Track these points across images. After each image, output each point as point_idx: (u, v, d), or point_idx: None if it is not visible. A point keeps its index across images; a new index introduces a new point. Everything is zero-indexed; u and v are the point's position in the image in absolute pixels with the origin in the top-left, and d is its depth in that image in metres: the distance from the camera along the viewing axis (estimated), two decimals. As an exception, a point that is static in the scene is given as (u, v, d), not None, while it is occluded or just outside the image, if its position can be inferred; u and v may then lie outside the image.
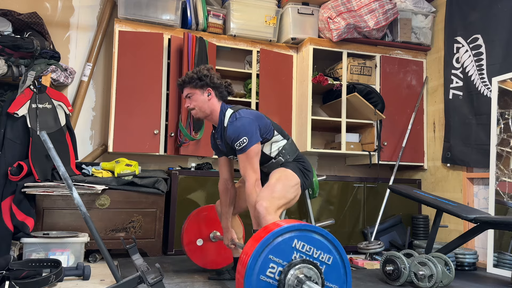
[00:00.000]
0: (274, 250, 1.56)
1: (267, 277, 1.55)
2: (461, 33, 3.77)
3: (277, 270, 1.56)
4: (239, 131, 2.21)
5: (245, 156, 2.21)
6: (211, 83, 2.35)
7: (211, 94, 2.35)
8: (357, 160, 4.22)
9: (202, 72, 2.34)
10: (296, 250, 1.60)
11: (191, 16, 3.77)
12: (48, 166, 3.07)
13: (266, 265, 1.55)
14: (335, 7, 3.86)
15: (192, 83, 2.35)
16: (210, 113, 2.37)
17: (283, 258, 1.58)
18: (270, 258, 1.56)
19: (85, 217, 2.18)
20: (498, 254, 3.17)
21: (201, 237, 2.81)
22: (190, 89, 2.36)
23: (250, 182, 2.21)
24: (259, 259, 1.54)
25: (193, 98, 2.36)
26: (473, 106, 3.60)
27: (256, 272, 1.53)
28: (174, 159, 3.96)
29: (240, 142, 2.20)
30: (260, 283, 1.53)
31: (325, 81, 3.86)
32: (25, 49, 3.20)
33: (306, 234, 1.62)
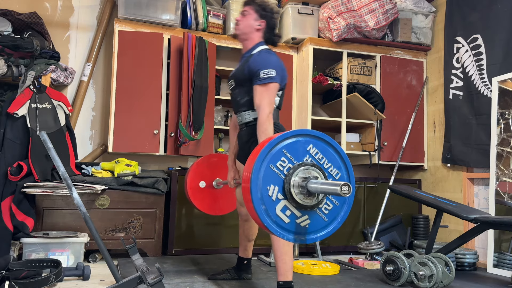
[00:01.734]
0: (289, 146, 1.64)
1: (276, 168, 1.61)
2: (461, 33, 3.77)
3: (287, 165, 1.63)
4: (269, 62, 2.23)
5: (266, 88, 2.21)
6: (269, 21, 2.40)
7: (261, 26, 2.39)
8: (357, 160, 4.22)
9: (269, 6, 2.42)
10: (309, 154, 1.68)
11: (191, 16, 3.77)
12: (48, 166, 3.07)
13: (278, 157, 1.62)
14: (335, 7, 3.86)
15: (255, 5, 2.40)
16: (247, 39, 2.41)
17: (295, 157, 1.65)
18: (284, 152, 1.63)
19: (85, 217, 2.18)
20: (498, 254, 3.16)
21: (205, 180, 2.81)
22: (250, 9, 2.40)
23: (265, 112, 2.18)
24: (273, 149, 1.61)
25: (246, 17, 2.40)
26: (473, 106, 3.60)
27: (268, 159, 1.60)
28: (174, 159, 3.95)
29: (267, 71, 2.21)
30: (269, 170, 1.60)
31: (325, 81, 3.86)
32: (24, 49, 3.20)
33: (322, 144, 1.71)
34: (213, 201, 2.85)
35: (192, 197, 2.79)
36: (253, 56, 2.31)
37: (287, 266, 2.13)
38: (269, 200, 1.58)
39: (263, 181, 1.58)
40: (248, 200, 1.58)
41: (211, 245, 3.49)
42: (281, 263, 2.13)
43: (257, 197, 1.56)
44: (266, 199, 1.57)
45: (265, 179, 1.58)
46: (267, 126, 2.17)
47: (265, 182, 1.58)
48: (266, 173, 1.59)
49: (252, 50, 2.37)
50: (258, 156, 1.59)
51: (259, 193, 1.57)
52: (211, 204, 2.84)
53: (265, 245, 3.48)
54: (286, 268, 2.13)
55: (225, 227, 3.52)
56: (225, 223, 3.52)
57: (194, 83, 3.54)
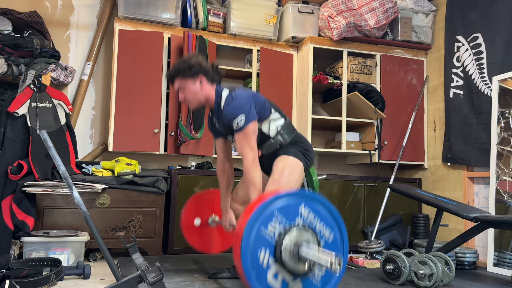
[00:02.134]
0: (281, 207, 1.60)
1: (267, 231, 1.58)
2: (461, 32, 3.77)
3: (279, 227, 1.59)
4: (235, 110, 2.19)
5: (243, 135, 2.20)
6: (201, 70, 2.28)
7: (203, 82, 2.30)
8: (358, 159, 4.22)
9: (189, 61, 2.27)
10: (301, 215, 1.63)
11: (191, 15, 3.77)
12: (48, 165, 3.07)
13: (269, 219, 1.57)
14: (336, 5, 3.86)
15: (181, 74, 2.28)
16: (205, 101, 2.34)
17: (287, 218, 1.60)
18: (275, 213, 1.59)
19: (85, 216, 2.18)
20: (499, 253, 3.16)
21: (200, 219, 2.79)
22: (181, 81, 2.30)
23: (248, 160, 2.18)
24: (265, 211, 1.57)
25: (186, 89, 2.30)
26: (473, 105, 3.60)
27: (259, 222, 1.55)
28: (174, 158, 3.96)
29: (237, 121, 2.18)
30: (260, 233, 1.56)
31: (325, 80, 3.86)
32: (25, 48, 3.19)
33: (314, 203, 1.66)
34: (208, 239, 2.82)
35: (186, 235, 2.77)
36: (222, 112, 2.26)
37: None
38: (260, 268, 1.53)
39: (254, 246, 1.53)
40: (239, 266, 1.54)
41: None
42: None
43: (247, 264, 1.51)
44: (257, 266, 1.52)
45: (256, 243, 1.54)
46: (253, 174, 2.17)
47: (256, 246, 1.53)
48: (257, 237, 1.54)
49: (219, 103, 2.32)
50: (250, 219, 1.54)
51: (249, 259, 1.52)
52: (206, 242, 2.82)
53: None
54: None
55: (225, 226, 3.52)
56: (225, 222, 3.52)
57: (194, 82, 3.54)
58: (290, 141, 2.39)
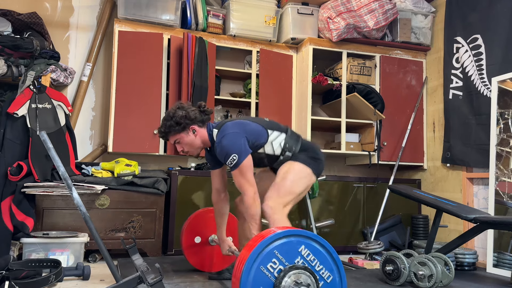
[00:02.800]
0: (281, 247, 1.59)
1: (267, 270, 1.57)
2: (460, 33, 3.77)
3: (278, 267, 1.58)
4: (226, 149, 2.19)
5: (239, 172, 2.19)
6: (190, 121, 2.30)
7: (196, 131, 2.33)
8: (357, 160, 4.22)
9: (177, 116, 2.29)
10: (301, 255, 1.62)
11: (191, 16, 3.77)
12: (47, 166, 3.07)
13: (269, 258, 1.57)
14: (335, 7, 3.87)
15: (173, 131, 2.31)
16: (203, 145, 2.38)
17: (286, 258, 1.60)
18: (275, 253, 1.58)
19: (84, 217, 2.18)
20: (498, 254, 3.17)
21: (200, 237, 2.79)
22: (175, 136, 2.33)
23: (249, 195, 2.18)
24: (265, 250, 1.57)
25: (182, 142, 2.34)
26: (472, 106, 3.61)
27: (258, 260, 1.56)
28: (173, 159, 3.96)
29: (230, 160, 2.18)
30: (259, 272, 1.56)
31: (324, 81, 3.86)
32: (24, 49, 3.20)
33: (314, 245, 1.65)
34: (208, 258, 2.81)
35: (186, 253, 2.76)
36: (217, 150, 2.27)
37: None
38: None
39: (253, 284, 1.53)
40: None
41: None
42: None
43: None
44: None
45: (255, 281, 1.54)
46: (255, 210, 2.17)
47: (255, 285, 1.53)
48: (256, 275, 1.54)
49: (212, 143, 2.35)
50: (249, 256, 1.54)
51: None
52: (206, 260, 2.80)
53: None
54: None
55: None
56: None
57: (194, 83, 3.54)
58: (300, 150, 2.37)
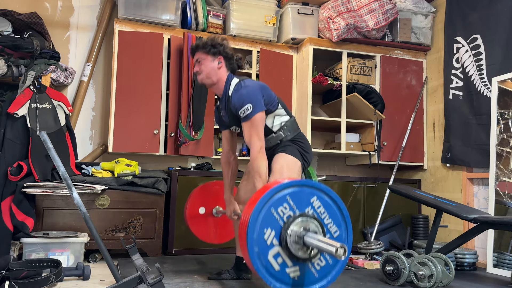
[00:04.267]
0: (294, 194, 1.63)
1: (277, 213, 1.60)
2: (460, 33, 3.77)
3: (288, 212, 1.62)
4: (243, 98, 2.22)
5: (250, 123, 2.21)
6: (224, 53, 2.37)
7: (221, 63, 2.36)
8: (357, 160, 4.22)
9: (216, 40, 2.36)
10: (312, 206, 1.66)
11: (191, 16, 3.77)
12: (48, 166, 3.07)
13: (281, 202, 1.61)
14: (335, 7, 3.87)
15: (205, 48, 2.35)
16: (216, 82, 2.38)
17: (297, 206, 1.63)
18: (287, 198, 1.62)
19: (85, 217, 2.18)
20: (498, 254, 3.17)
21: (205, 207, 2.79)
22: (202, 54, 2.36)
23: (255, 149, 2.20)
24: (278, 194, 1.60)
25: (203, 63, 2.36)
26: (473, 106, 3.61)
27: (270, 203, 1.59)
28: (174, 159, 3.96)
29: (244, 109, 2.20)
30: (269, 214, 1.58)
31: (325, 81, 3.86)
32: (25, 49, 3.20)
33: (326, 198, 1.69)
34: (211, 229, 2.82)
35: (190, 223, 2.76)
36: (231, 99, 2.29)
37: None
38: (263, 244, 1.56)
39: (262, 223, 1.56)
40: (243, 238, 1.56)
41: (211, 245, 3.49)
42: None
43: (252, 238, 1.54)
44: (261, 242, 1.55)
45: (264, 221, 1.56)
46: (259, 163, 2.18)
47: (263, 225, 1.56)
48: (266, 215, 1.57)
49: (227, 91, 2.35)
50: (262, 197, 1.57)
51: (255, 234, 1.54)
52: (209, 232, 2.81)
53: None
54: None
55: (225, 227, 3.52)
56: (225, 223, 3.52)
57: (194, 83, 3.54)
58: (291, 139, 2.40)
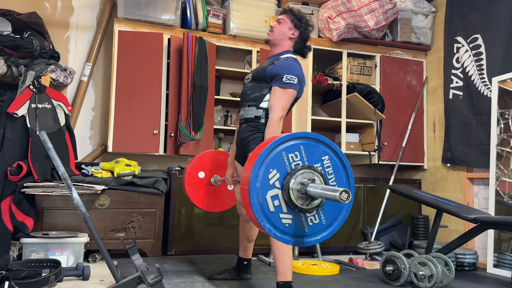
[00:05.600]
0: (308, 146, 1.65)
1: (287, 157, 1.61)
2: (461, 33, 3.77)
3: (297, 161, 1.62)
4: (294, 69, 2.27)
5: (284, 92, 2.25)
6: (303, 32, 2.42)
7: (294, 36, 2.41)
8: (357, 160, 4.22)
9: (305, 18, 2.44)
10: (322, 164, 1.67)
11: (191, 16, 3.77)
12: (47, 166, 3.07)
13: (294, 149, 1.62)
14: (335, 7, 3.86)
15: (292, 15, 2.42)
16: (278, 44, 2.43)
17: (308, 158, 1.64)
18: (300, 148, 1.63)
19: (84, 217, 2.18)
20: (498, 254, 3.16)
21: (205, 173, 2.77)
22: (286, 18, 2.42)
23: (277, 115, 2.23)
24: (292, 140, 1.62)
25: (281, 25, 2.41)
26: (473, 106, 3.60)
27: (283, 146, 1.60)
28: (173, 159, 3.95)
29: (290, 77, 2.25)
30: (279, 156, 1.59)
31: (325, 81, 3.86)
32: (24, 49, 3.19)
33: (338, 162, 1.70)
34: (208, 196, 2.79)
35: (188, 190, 2.72)
36: (281, 59, 2.33)
37: (286, 267, 2.13)
38: (265, 182, 1.56)
39: (270, 162, 1.57)
40: (249, 169, 1.56)
41: (211, 245, 3.49)
42: (281, 264, 2.13)
43: (257, 172, 1.55)
44: (264, 180, 1.56)
45: (272, 161, 1.57)
46: (275, 129, 2.21)
47: (271, 164, 1.57)
48: (276, 157, 1.58)
49: (280, 55, 2.40)
50: (277, 138, 1.59)
51: (261, 170, 1.55)
52: (205, 198, 2.78)
53: (265, 245, 3.48)
54: (285, 269, 2.13)
55: (225, 227, 3.52)
56: (225, 223, 3.52)
57: (194, 83, 3.54)
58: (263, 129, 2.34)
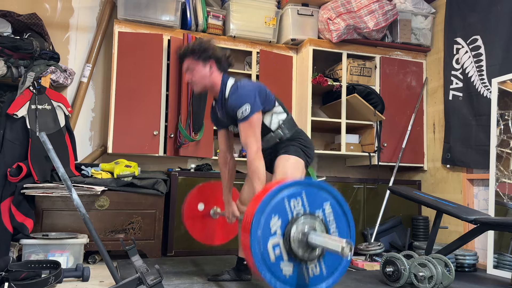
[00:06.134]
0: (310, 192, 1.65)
1: (289, 204, 1.61)
2: (460, 34, 3.77)
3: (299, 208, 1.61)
4: (240, 99, 2.19)
5: (248, 124, 2.19)
6: (214, 56, 2.28)
7: (213, 67, 2.29)
8: (357, 161, 4.22)
9: (204, 44, 2.27)
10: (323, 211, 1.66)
11: (191, 17, 3.77)
12: (47, 167, 3.07)
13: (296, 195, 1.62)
14: (335, 8, 3.87)
15: (194, 55, 2.26)
16: (211, 86, 2.33)
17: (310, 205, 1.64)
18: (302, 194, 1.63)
19: (84, 218, 2.18)
20: (498, 255, 3.16)
21: (204, 206, 2.75)
22: (192, 62, 2.27)
23: (253, 150, 2.18)
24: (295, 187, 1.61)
25: (195, 71, 2.28)
26: (473, 107, 3.60)
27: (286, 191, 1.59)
28: (173, 160, 3.95)
29: (242, 110, 2.17)
30: (282, 202, 1.58)
31: (324, 82, 3.86)
32: (24, 50, 3.19)
33: (339, 209, 1.70)
34: (208, 229, 2.78)
35: (189, 226, 2.72)
36: (228, 100, 2.25)
37: None
38: (267, 230, 1.54)
39: (272, 209, 1.55)
40: (251, 213, 1.55)
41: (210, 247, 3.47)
42: None
43: (259, 219, 1.53)
44: (266, 227, 1.54)
45: (275, 208, 1.55)
46: (257, 164, 2.16)
47: (273, 211, 1.55)
48: (278, 203, 1.56)
49: (223, 93, 2.31)
50: (281, 185, 1.57)
51: (263, 217, 1.54)
52: (204, 232, 2.76)
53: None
54: None
55: (224, 228, 3.51)
56: (224, 224, 3.52)
57: (194, 84, 3.54)
58: (290, 137, 2.38)
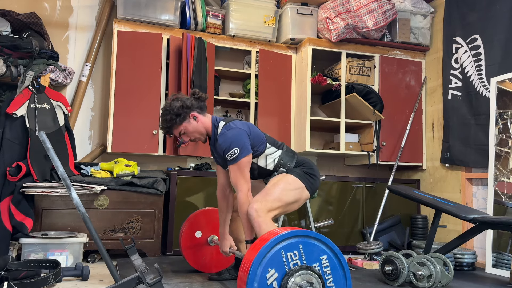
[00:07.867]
0: (307, 244, 1.62)
1: (286, 256, 1.60)
2: (460, 34, 3.78)
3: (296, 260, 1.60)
4: (230, 141, 2.19)
5: (237, 167, 2.20)
6: (188, 109, 2.30)
7: (197, 117, 2.32)
8: (356, 160, 4.23)
9: (174, 108, 2.28)
10: (320, 264, 1.65)
11: (190, 16, 3.77)
12: (46, 166, 3.07)
13: (293, 247, 1.61)
14: (334, 7, 3.87)
15: (175, 123, 2.30)
16: (206, 132, 2.36)
17: (307, 257, 1.63)
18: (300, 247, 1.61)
19: (83, 218, 2.18)
20: (497, 254, 3.17)
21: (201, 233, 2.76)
22: (178, 128, 2.32)
23: (243, 192, 2.19)
24: (292, 239, 1.60)
25: (187, 131, 2.33)
26: (472, 106, 3.61)
27: (283, 244, 1.57)
28: (173, 160, 3.96)
29: (231, 153, 2.18)
30: (279, 254, 1.56)
31: (324, 81, 3.87)
32: (23, 49, 3.19)
33: (336, 262, 1.67)
34: (205, 257, 2.78)
35: (185, 254, 2.73)
36: (217, 142, 2.27)
37: None
38: (263, 282, 1.54)
39: (268, 261, 1.55)
40: (246, 268, 1.55)
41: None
42: None
43: (255, 272, 1.53)
44: (262, 279, 1.54)
45: (271, 260, 1.55)
46: (246, 207, 2.16)
47: (269, 263, 1.55)
48: (275, 255, 1.56)
49: (215, 135, 2.33)
50: (277, 236, 1.56)
51: (260, 269, 1.53)
52: (202, 260, 2.77)
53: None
54: None
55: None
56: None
57: (193, 83, 3.54)
58: (294, 166, 2.37)
